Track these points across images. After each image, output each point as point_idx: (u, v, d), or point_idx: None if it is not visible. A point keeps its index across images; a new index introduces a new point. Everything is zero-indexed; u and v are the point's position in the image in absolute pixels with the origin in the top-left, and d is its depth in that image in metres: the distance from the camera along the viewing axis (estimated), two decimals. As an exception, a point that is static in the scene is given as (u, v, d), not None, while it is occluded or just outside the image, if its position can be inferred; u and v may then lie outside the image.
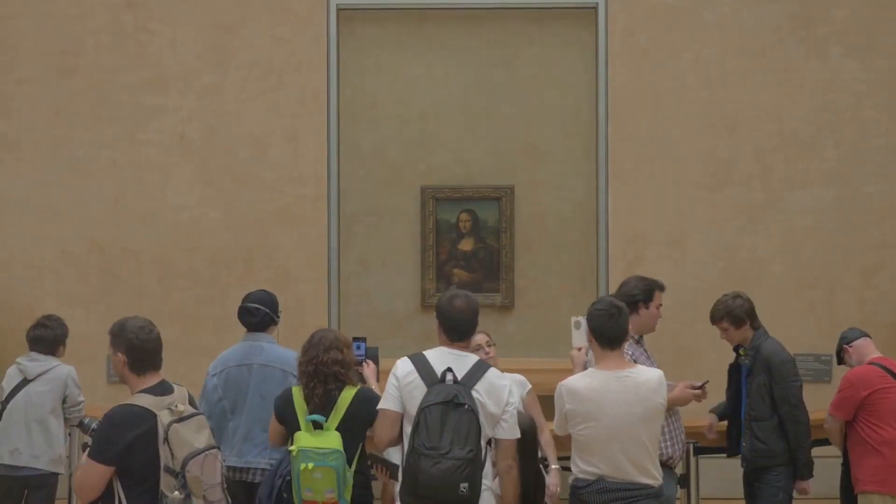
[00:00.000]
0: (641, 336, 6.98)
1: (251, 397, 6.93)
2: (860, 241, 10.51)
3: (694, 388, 6.99)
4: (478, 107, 10.83)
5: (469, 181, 10.83)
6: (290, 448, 6.06)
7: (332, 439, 6.00)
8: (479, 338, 7.38)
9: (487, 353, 7.33)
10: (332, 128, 10.64)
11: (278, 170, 10.61)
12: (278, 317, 7.18)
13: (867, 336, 7.59)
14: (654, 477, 5.90)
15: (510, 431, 5.82)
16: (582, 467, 5.88)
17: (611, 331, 5.93)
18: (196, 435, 5.38)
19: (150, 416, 5.30)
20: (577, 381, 5.96)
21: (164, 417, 5.30)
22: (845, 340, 7.59)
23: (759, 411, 7.28)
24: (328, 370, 6.17)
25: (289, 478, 6.12)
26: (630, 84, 10.57)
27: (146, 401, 5.34)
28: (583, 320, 6.33)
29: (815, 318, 10.41)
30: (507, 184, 10.78)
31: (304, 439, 6.03)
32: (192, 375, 9.00)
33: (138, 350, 5.44)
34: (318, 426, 6.02)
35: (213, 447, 5.44)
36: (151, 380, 5.46)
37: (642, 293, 6.97)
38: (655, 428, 5.97)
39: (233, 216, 10.61)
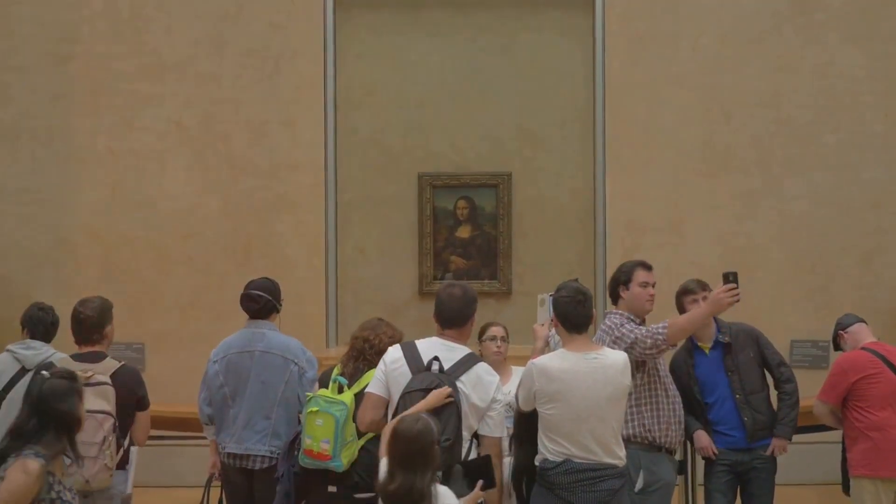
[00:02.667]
0: (643, 319, 6.99)
1: (252, 384, 6.94)
2: (858, 226, 10.53)
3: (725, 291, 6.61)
4: (475, 94, 10.83)
5: (466, 168, 10.83)
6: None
7: (344, 396, 6.32)
8: (496, 329, 7.40)
9: (499, 347, 7.32)
10: (329, 115, 10.65)
11: (276, 157, 10.61)
12: (280, 304, 7.19)
13: (863, 322, 7.60)
14: (619, 457, 5.97)
15: (494, 429, 5.86)
16: (549, 447, 5.94)
17: (576, 317, 6.05)
18: (91, 398, 6.26)
19: None
20: (549, 361, 6.02)
21: None
22: (840, 326, 7.61)
23: (754, 384, 7.33)
24: (359, 346, 6.59)
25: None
26: (627, 71, 10.57)
27: (65, 363, 6.58)
28: (547, 297, 6.42)
29: (813, 303, 10.43)
30: (504, 171, 10.78)
31: (322, 391, 6.44)
32: (191, 362, 9.02)
33: (72, 323, 6.89)
34: (341, 389, 6.43)
35: (104, 412, 6.44)
36: (86, 349, 6.79)
37: (623, 275, 7.02)
38: (621, 409, 6.06)
39: (230, 204, 10.61)
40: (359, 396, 6.36)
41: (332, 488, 6.39)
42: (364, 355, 6.59)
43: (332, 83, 10.68)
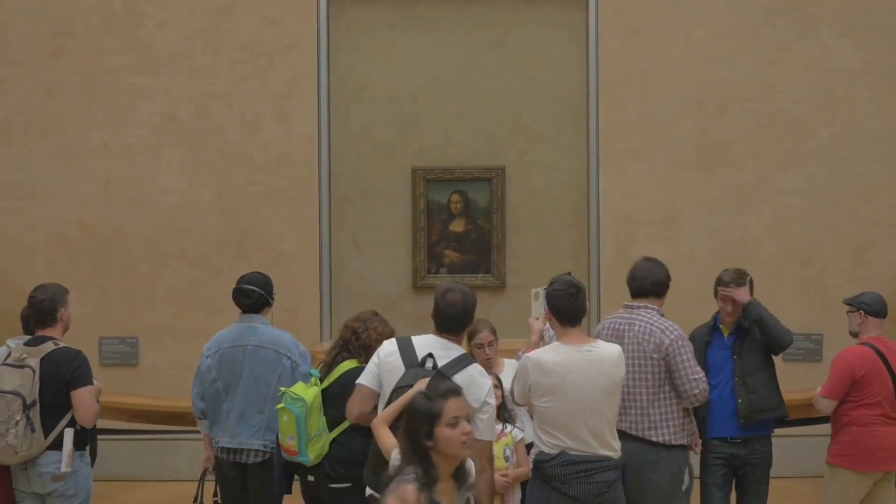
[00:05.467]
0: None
1: (245, 378, 6.94)
2: (852, 220, 10.53)
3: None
4: (469, 87, 10.82)
5: (460, 162, 10.82)
6: None
7: (309, 391, 6.43)
8: (483, 336, 7.32)
9: (488, 355, 7.28)
10: (322, 109, 10.65)
11: (269, 151, 10.61)
12: (273, 299, 7.19)
13: (884, 318, 7.58)
14: (614, 449, 6.01)
15: (484, 432, 5.79)
16: (545, 440, 5.97)
17: (570, 310, 6.07)
18: (11, 378, 6.62)
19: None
20: (544, 355, 6.04)
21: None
22: (868, 310, 7.55)
23: (753, 366, 7.29)
24: (346, 336, 6.68)
25: None
26: (621, 64, 10.57)
27: (18, 349, 6.77)
28: (541, 292, 6.44)
29: (807, 297, 10.44)
30: (498, 164, 10.78)
31: (296, 385, 6.55)
32: (185, 356, 9.04)
33: (28, 308, 7.03)
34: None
35: (14, 394, 6.56)
36: (40, 332, 6.88)
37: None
38: (615, 401, 6.08)
39: (224, 198, 10.61)
40: (328, 389, 6.51)
41: (310, 478, 6.55)
42: (348, 346, 6.65)
43: (326, 77, 10.67)
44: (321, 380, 6.61)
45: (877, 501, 7.40)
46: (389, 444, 5.45)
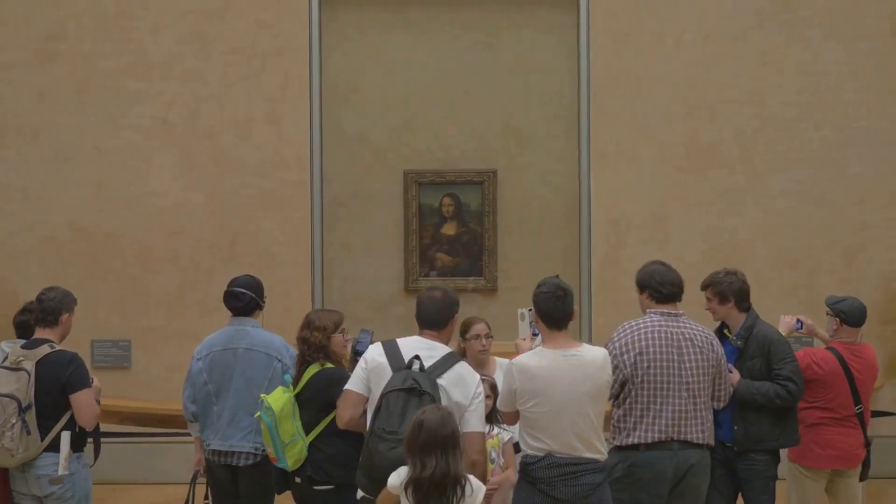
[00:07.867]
0: None
1: (236, 381, 6.96)
2: (842, 222, 10.58)
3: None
4: (460, 91, 10.85)
5: (452, 165, 10.86)
6: None
7: (279, 400, 6.42)
8: (479, 327, 7.27)
9: (484, 346, 7.25)
10: (314, 112, 10.66)
11: (261, 154, 10.62)
12: (264, 301, 7.20)
13: (859, 327, 7.62)
14: (599, 452, 5.99)
15: (477, 424, 5.84)
16: (530, 443, 5.98)
17: (557, 312, 6.03)
18: (7, 381, 6.62)
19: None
20: (528, 360, 6.05)
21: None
22: (844, 318, 7.58)
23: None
24: (301, 350, 6.60)
25: None
26: (612, 68, 10.60)
27: (15, 352, 6.80)
28: (527, 312, 6.47)
29: (797, 299, 10.45)
30: (489, 168, 10.81)
31: (276, 391, 6.56)
32: (177, 359, 9.05)
33: (35, 308, 6.97)
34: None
35: (9, 397, 6.57)
36: (37, 334, 6.86)
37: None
38: (601, 405, 6.07)
39: (216, 201, 10.62)
40: (299, 396, 6.47)
41: (297, 479, 6.54)
42: (304, 355, 6.57)
43: (318, 80, 10.69)
44: (294, 386, 6.58)
45: (840, 496, 7.54)
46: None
